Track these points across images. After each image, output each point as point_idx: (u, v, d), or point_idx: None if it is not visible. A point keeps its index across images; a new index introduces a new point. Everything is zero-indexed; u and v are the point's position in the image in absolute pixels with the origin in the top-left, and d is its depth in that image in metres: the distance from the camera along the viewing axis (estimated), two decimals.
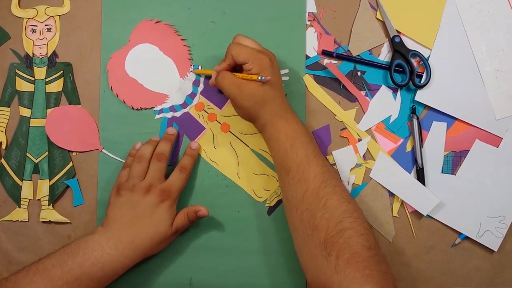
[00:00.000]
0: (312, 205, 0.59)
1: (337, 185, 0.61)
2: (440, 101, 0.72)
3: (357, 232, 0.58)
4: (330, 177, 0.61)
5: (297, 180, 0.61)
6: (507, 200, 0.70)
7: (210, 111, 0.73)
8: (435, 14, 0.73)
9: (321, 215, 0.59)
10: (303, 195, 0.60)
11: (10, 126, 0.74)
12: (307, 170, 0.61)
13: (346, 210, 0.59)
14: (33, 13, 0.75)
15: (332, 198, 0.59)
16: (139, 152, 0.70)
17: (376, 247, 0.59)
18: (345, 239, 0.57)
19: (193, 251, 0.72)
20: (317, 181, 0.60)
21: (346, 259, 0.56)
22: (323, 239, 0.57)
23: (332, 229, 0.58)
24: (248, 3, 0.74)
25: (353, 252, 0.56)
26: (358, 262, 0.55)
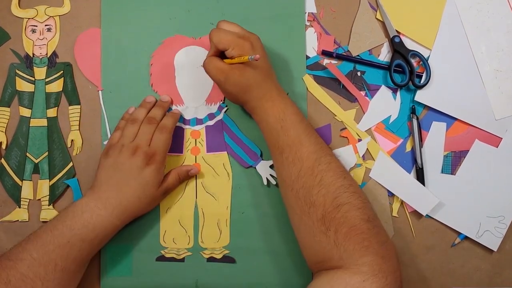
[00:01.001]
0: (308, 183, 0.60)
1: (332, 161, 0.61)
2: (439, 101, 0.72)
3: (354, 206, 0.58)
4: (324, 154, 0.61)
5: (291, 160, 0.61)
6: (507, 200, 0.70)
7: (198, 145, 0.73)
8: (435, 14, 0.73)
9: (317, 192, 0.59)
10: (298, 174, 0.61)
11: (10, 126, 0.74)
12: (300, 149, 0.61)
13: (342, 185, 0.59)
14: (33, 13, 0.75)
15: (327, 175, 0.60)
16: (133, 115, 0.70)
17: (375, 219, 0.59)
18: (343, 213, 0.57)
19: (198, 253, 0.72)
20: (310, 159, 0.61)
21: (344, 232, 0.56)
22: (321, 215, 0.58)
23: (329, 205, 0.58)
24: (247, 4, 0.74)
25: (351, 226, 0.57)
26: (357, 235, 0.56)
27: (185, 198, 0.72)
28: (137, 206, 0.66)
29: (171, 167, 0.72)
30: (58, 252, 0.61)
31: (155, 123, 0.69)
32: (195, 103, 0.73)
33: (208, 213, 0.72)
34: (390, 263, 0.57)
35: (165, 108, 0.72)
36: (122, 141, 0.67)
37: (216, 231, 0.72)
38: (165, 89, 0.73)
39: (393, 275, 0.56)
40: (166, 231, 0.72)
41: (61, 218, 0.63)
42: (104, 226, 0.64)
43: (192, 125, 0.73)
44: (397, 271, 0.57)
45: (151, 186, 0.67)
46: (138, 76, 0.74)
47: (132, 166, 0.66)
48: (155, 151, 0.67)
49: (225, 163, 0.72)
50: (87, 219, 0.63)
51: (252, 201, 0.72)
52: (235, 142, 0.73)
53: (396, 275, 0.57)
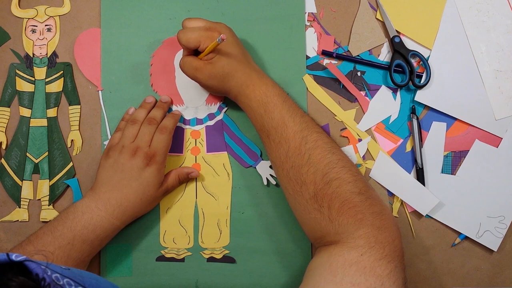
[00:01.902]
0: (296, 162, 0.60)
1: (318, 139, 0.61)
2: (440, 101, 0.72)
3: (344, 181, 0.58)
4: (310, 132, 0.61)
5: (278, 142, 0.62)
6: (507, 200, 0.71)
7: (198, 145, 0.73)
8: (435, 14, 0.73)
9: (306, 170, 0.59)
10: (286, 155, 0.61)
11: (10, 126, 0.74)
12: (285, 130, 0.61)
13: (331, 161, 0.59)
14: (33, 13, 0.75)
15: (314, 152, 0.60)
16: (133, 116, 0.70)
17: (367, 191, 0.59)
18: (334, 189, 0.58)
19: (198, 253, 0.72)
20: (297, 139, 0.61)
21: (337, 207, 0.57)
22: (313, 193, 0.58)
23: (319, 182, 0.58)
24: (246, 4, 0.74)
25: (343, 200, 0.57)
26: (349, 208, 0.57)
27: (185, 198, 0.72)
28: (137, 207, 0.66)
29: (171, 167, 0.72)
30: (58, 253, 0.61)
31: (155, 123, 0.69)
32: (195, 103, 0.73)
33: (208, 213, 0.72)
34: (387, 233, 0.56)
35: (165, 109, 0.72)
36: (122, 142, 0.67)
37: (216, 231, 0.72)
38: (165, 89, 0.74)
39: (391, 245, 0.56)
40: (166, 231, 0.72)
41: (61, 219, 0.63)
42: (104, 227, 0.64)
43: (192, 125, 0.73)
44: (395, 240, 0.57)
45: (151, 186, 0.67)
46: (138, 76, 0.74)
47: (133, 167, 0.66)
48: (155, 151, 0.67)
49: (225, 163, 0.72)
50: (87, 220, 0.63)
51: (252, 201, 0.72)
52: (235, 142, 0.73)
53: (395, 244, 0.56)
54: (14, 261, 0.34)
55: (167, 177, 0.70)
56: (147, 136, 0.68)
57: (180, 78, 0.73)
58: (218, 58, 0.64)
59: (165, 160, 0.69)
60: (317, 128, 0.63)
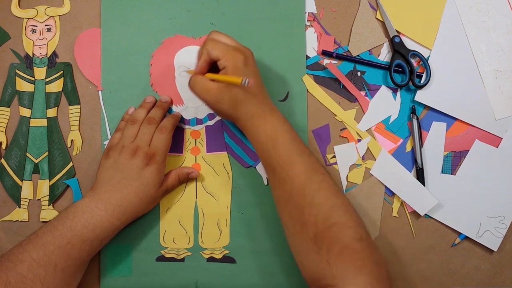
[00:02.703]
0: (299, 202, 0.59)
1: (323, 180, 0.60)
2: (440, 101, 0.72)
3: (346, 225, 0.57)
4: (316, 173, 0.61)
5: (283, 179, 0.61)
6: (507, 200, 0.71)
7: (198, 145, 0.73)
8: (435, 14, 0.73)
9: (308, 211, 0.58)
10: (290, 194, 0.60)
11: (10, 126, 0.74)
12: (291, 169, 0.60)
13: (334, 204, 0.59)
14: (33, 13, 0.75)
15: (318, 194, 0.59)
16: (133, 115, 0.70)
17: (367, 238, 0.58)
18: (335, 233, 0.57)
19: (198, 253, 0.72)
20: (302, 179, 0.60)
21: (337, 252, 0.56)
22: (313, 235, 0.57)
23: (320, 225, 0.57)
24: (246, 4, 0.74)
25: (343, 245, 0.56)
26: (349, 254, 0.55)
27: (185, 198, 0.72)
28: (137, 207, 0.66)
29: (171, 167, 0.72)
30: (58, 253, 0.61)
31: (155, 123, 0.69)
32: (195, 103, 0.73)
33: (208, 213, 0.72)
34: (383, 284, 0.55)
35: (165, 109, 0.72)
36: (122, 142, 0.67)
37: (216, 231, 0.72)
38: (165, 89, 0.73)
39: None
40: (166, 231, 0.72)
41: (61, 219, 0.63)
42: (104, 226, 0.64)
43: (192, 125, 0.73)
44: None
45: (151, 186, 0.67)
46: (138, 76, 0.74)
47: (133, 167, 0.66)
48: (155, 151, 0.67)
49: (225, 163, 0.72)
50: (87, 220, 0.63)
51: (252, 201, 0.72)
52: (235, 142, 0.73)
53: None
54: None
55: (167, 177, 0.70)
56: (147, 136, 0.67)
57: (180, 78, 0.73)
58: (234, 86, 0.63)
59: (165, 160, 0.68)
60: (322, 170, 0.62)
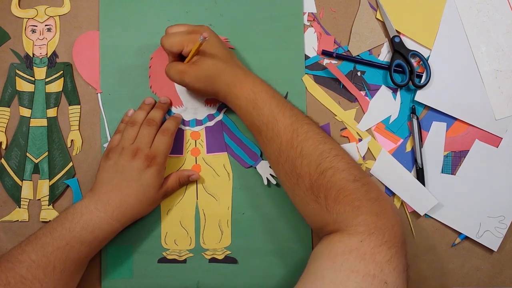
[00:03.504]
0: (290, 156, 0.60)
1: (309, 130, 0.61)
2: (439, 101, 0.72)
3: (338, 169, 0.58)
4: (300, 124, 0.61)
5: (270, 137, 0.62)
6: (507, 200, 0.71)
7: (198, 146, 0.73)
8: (435, 14, 0.73)
9: (300, 163, 0.59)
10: (279, 149, 0.61)
11: (10, 126, 0.74)
12: (276, 125, 0.61)
13: (323, 151, 0.59)
14: (33, 13, 0.75)
15: (306, 144, 0.60)
16: (132, 117, 0.70)
17: (362, 177, 0.59)
18: (328, 178, 0.58)
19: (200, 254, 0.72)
20: (287, 133, 0.61)
21: (333, 196, 0.57)
22: (308, 185, 0.58)
23: (313, 173, 0.58)
24: (244, 5, 0.74)
25: (338, 189, 0.57)
26: (346, 197, 0.56)
27: (186, 199, 0.72)
28: (137, 208, 0.66)
29: (171, 168, 0.72)
30: (57, 254, 0.61)
31: (154, 125, 0.69)
32: (194, 104, 0.73)
33: (209, 214, 0.72)
34: (386, 219, 0.56)
35: (165, 110, 0.72)
36: (122, 143, 0.67)
37: (218, 231, 0.72)
38: (164, 91, 0.73)
39: (390, 231, 0.55)
40: (168, 232, 0.72)
41: (61, 220, 0.63)
42: (103, 228, 0.64)
43: (191, 126, 0.73)
44: (395, 226, 0.56)
45: (151, 188, 0.67)
46: (137, 78, 0.74)
47: (133, 168, 0.66)
48: (155, 153, 0.67)
49: (226, 163, 0.72)
50: (86, 221, 0.63)
51: (253, 201, 0.72)
52: (235, 143, 0.73)
53: (395, 230, 0.56)
54: None
55: (167, 180, 0.70)
56: (147, 137, 0.67)
57: None
58: (203, 59, 0.64)
59: (166, 162, 0.68)
60: (307, 120, 0.63)
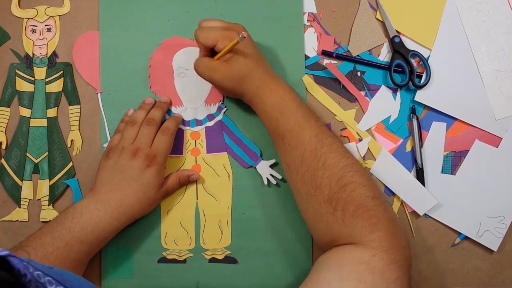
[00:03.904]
0: (312, 166, 0.60)
1: (333, 143, 0.61)
2: (439, 101, 0.72)
3: (359, 184, 0.58)
4: (325, 136, 0.62)
5: (293, 145, 0.62)
6: (507, 200, 0.71)
7: (198, 146, 0.73)
8: (435, 14, 0.73)
9: (321, 174, 0.59)
10: (301, 158, 0.61)
11: (10, 126, 0.74)
12: (301, 134, 0.61)
13: (346, 165, 0.60)
14: (33, 13, 0.75)
15: (330, 156, 0.60)
16: (132, 117, 0.70)
17: (380, 196, 0.60)
18: (349, 193, 0.58)
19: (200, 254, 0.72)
20: (312, 143, 0.61)
21: (352, 211, 0.57)
22: (327, 197, 0.58)
23: (334, 186, 0.58)
24: (244, 5, 0.74)
25: (358, 204, 0.57)
26: (364, 212, 0.57)
27: (186, 199, 0.72)
28: (137, 208, 0.66)
29: (171, 168, 0.72)
30: (57, 254, 0.61)
31: (154, 124, 0.69)
32: (194, 104, 0.73)
33: (209, 214, 0.72)
34: (399, 240, 0.57)
35: (164, 109, 0.72)
36: (122, 143, 0.67)
37: (218, 231, 0.72)
38: (164, 90, 0.73)
39: (401, 252, 0.56)
40: (168, 232, 0.72)
41: (60, 220, 0.63)
42: (103, 227, 0.64)
43: (191, 126, 0.73)
44: (406, 248, 0.57)
45: (151, 187, 0.67)
46: (137, 78, 0.74)
47: (133, 168, 0.66)
48: (156, 153, 0.67)
49: (225, 163, 0.72)
50: (86, 221, 0.63)
51: (253, 201, 0.72)
52: (235, 143, 0.73)
53: (406, 252, 0.57)
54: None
55: (167, 180, 0.70)
56: (147, 137, 0.67)
57: (179, 80, 0.73)
58: (235, 58, 0.63)
59: (166, 162, 0.68)
60: (330, 133, 0.63)
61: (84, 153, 0.73)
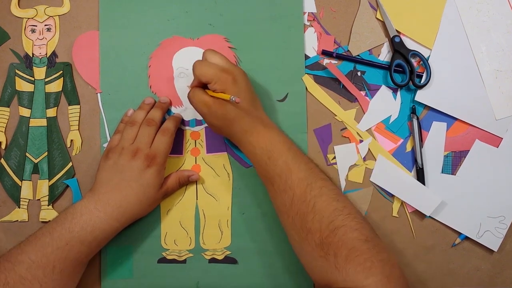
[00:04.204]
0: (301, 210, 0.59)
1: (323, 186, 0.60)
2: (440, 101, 0.72)
3: (350, 228, 0.57)
4: (315, 179, 0.61)
5: (282, 189, 0.61)
6: (507, 200, 0.71)
7: (198, 146, 0.73)
8: (435, 14, 0.73)
9: (311, 218, 0.58)
10: (291, 202, 0.60)
11: (9, 126, 0.74)
12: (290, 177, 0.60)
13: (336, 209, 0.59)
14: (32, 13, 0.75)
15: (319, 200, 0.59)
16: (132, 117, 0.70)
17: (374, 238, 0.58)
18: (340, 237, 0.57)
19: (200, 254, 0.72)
20: (301, 186, 0.60)
21: (344, 255, 0.56)
22: (318, 241, 0.57)
23: (325, 230, 0.57)
24: (244, 4, 0.74)
25: (350, 248, 0.56)
26: (357, 256, 0.55)
27: (186, 199, 0.72)
28: (137, 208, 0.66)
29: (171, 168, 0.72)
30: (56, 254, 0.61)
31: (154, 124, 0.69)
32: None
33: (209, 214, 0.72)
34: (395, 282, 0.55)
35: (164, 109, 0.72)
36: (122, 143, 0.67)
37: (217, 232, 0.72)
38: (164, 90, 0.73)
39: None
40: (167, 232, 0.72)
41: (60, 220, 0.63)
42: (103, 228, 0.64)
43: (191, 126, 0.73)
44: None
45: (151, 187, 0.66)
46: (137, 78, 0.73)
47: (133, 168, 0.65)
48: (155, 153, 0.67)
49: (225, 163, 0.72)
50: (86, 221, 0.63)
51: (253, 201, 0.72)
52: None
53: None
54: None
55: (167, 180, 0.70)
56: (147, 137, 0.67)
57: (179, 80, 0.73)
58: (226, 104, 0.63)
59: (165, 162, 0.68)
60: (322, 175, 0.62)
61: (83, 153, 0.73)
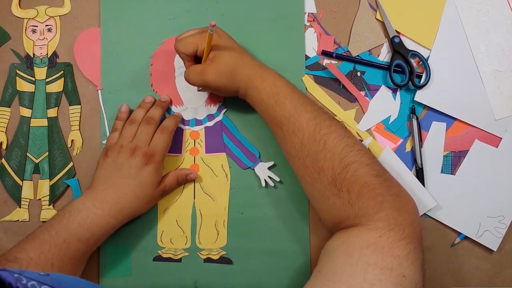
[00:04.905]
0: (312, 149, 0.60)
1: (332, 124, 0.61)
2: (439, 101, 0.72)
3: (362, 163, 0.58)
4: (323, 118, 0.61)
5: (291, 131, 0.61)
6: (507, 200, 0.70)
7: (197, 146, 0.73)
8: (434, 14, 0.73)
9: (323, 156, 0.59)
10: (301, 143, 0.61)
11: (10, 126, 0.74)
12: (298, 119, 0.61)
13: (347, 145, 0.59)
14: (33, 14, 0.75)
15: (330, 138, 0.60)
16: (132, 115, 0.71)
17: (384, 173, 0.59)
18: (352, 172, 0.57)
19: (195, 254, 0.72)
20: (310, 126, 0.60)
21: (357, 191, 0.57)
22: (331, 179, 0.58)
23: (337, 167, 0.58)
24: (245, 5, 0.74)
25: (362, 183, 0.57)
26: (369, 191, 0.56)
27: (183, 198, 0.72)
28: (134, 206, 0.66)
29: (170, 167, 0.72)
30: (54, 251, 0.61)
31: (153, 123, 0.69)
32: (194, 104, 0.73)
33: (205, 214, 0.72)
34: (407, 215, 0.56)
35: (164, 108, 0.72)
36: (120, 141, 0.68)
37: (214, 232, 0.72)
38: (165, 89, 0.74)
39: (410, 227, 0.56)
40: (164, 231, 0.72)
41: (58, 218, 0.63)
42: (100, 225, 0.64)
43: (191, 126, 0.73)
44: (414, 222, 0.57)
45: (149, 185, 0.67)
46: (138, 76, 0.74)
47: (131, 166, 0.66)
48: (154, 151, 0.67)
49: (224, 164, 0.73)
50: (83, 218, 0.63)
51: (250, 202, 0.72)
52: (234, 144, 0.73)
53: (414, 226, 0.56)
54: None
55: (165, 178, 0.70)
56: (146, 136, 0.68)
57: (180, 79, 0.74)
58: (220, 54, 0.64)
59: (164, 160, 0.69)
60: (328, 115, 0.63)
61: (84, 153, 0.74)
